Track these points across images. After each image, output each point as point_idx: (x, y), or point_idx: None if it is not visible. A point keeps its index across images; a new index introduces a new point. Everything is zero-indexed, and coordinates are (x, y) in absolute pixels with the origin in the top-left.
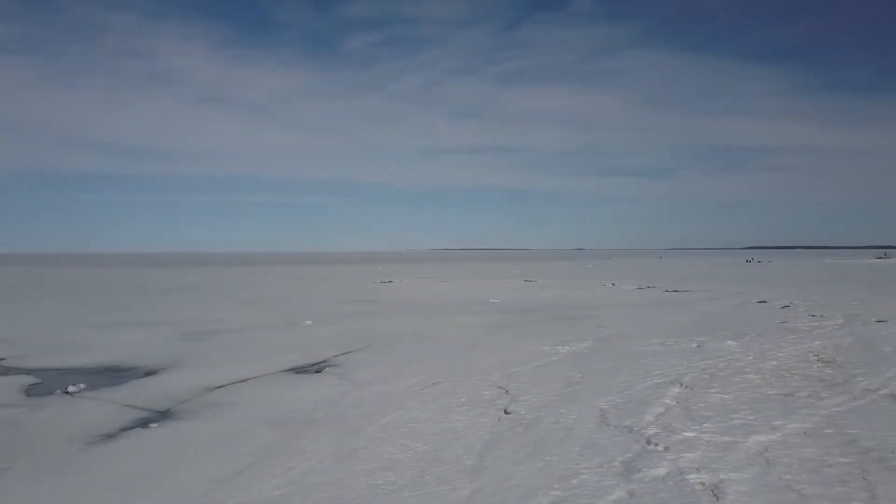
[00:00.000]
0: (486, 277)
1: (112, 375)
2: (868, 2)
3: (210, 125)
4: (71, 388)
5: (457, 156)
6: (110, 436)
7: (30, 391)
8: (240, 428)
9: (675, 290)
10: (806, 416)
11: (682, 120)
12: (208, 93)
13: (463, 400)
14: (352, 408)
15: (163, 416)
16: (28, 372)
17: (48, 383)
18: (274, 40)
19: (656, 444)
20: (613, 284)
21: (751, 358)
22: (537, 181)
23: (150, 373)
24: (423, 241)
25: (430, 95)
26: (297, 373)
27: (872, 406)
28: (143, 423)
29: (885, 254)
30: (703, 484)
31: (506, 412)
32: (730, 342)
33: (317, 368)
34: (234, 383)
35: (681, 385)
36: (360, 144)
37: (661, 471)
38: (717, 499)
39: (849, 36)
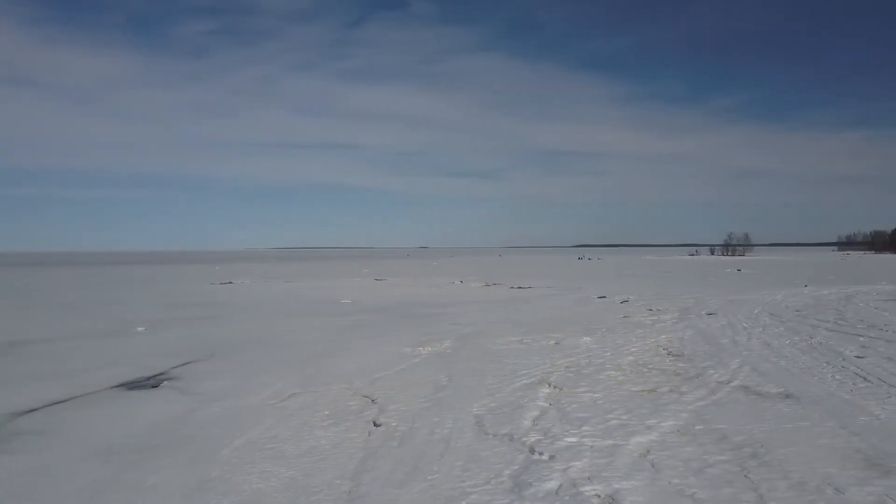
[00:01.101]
0: (334, 277)
1: None
2: (682, 18)
3: (16, 110)
4: None
5: (298, 152)
6: None
7: None
8: (59, 462)
9: (520, 287)
10: (675, 413)
11: (516, 124)
12: (13, 74)
13: (326, 413)
14: (199, 429)
15: None
16: None
17: None
18: (94, 21)
19: (541, 454)
20: (461, 282)
21: (608, 354)
22: (380, 180)
23: None
24: (263, 239)
25: (269, 89)
26: (129, 389)
27: (730, 399)
28: None
29: (696, 251)
30: (599, 496)
31: (375, 424)
32: (585, 338)
33: (153, 383)
34: (50, 406)
35: (549, 385)
36: (191, 137)
37: (553, 484)
38: None
39: (664, 51)
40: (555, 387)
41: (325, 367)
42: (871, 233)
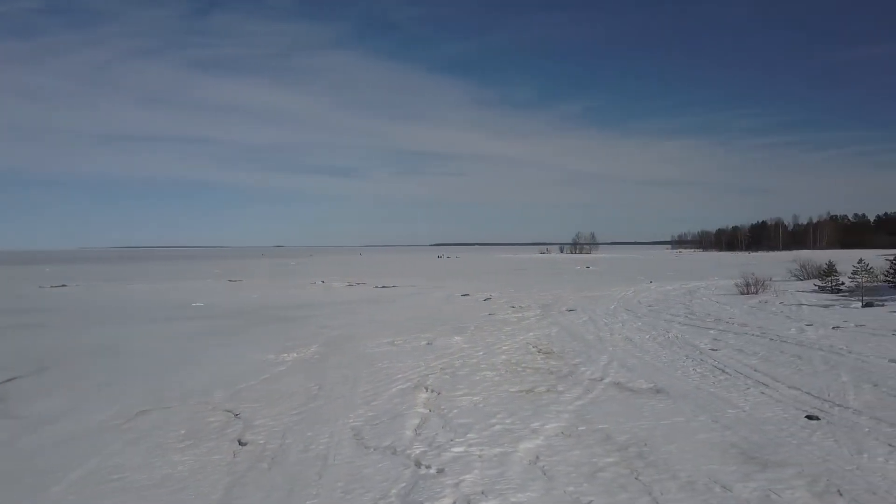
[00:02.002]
0: (183, 278)
1: None
2: (531, 25)
3: None
4: None
5: (140, 144)
6: None
7: None
8: None
9: (384, 286)
10: (557, 414)
11: (374, 122)
12: None
13: (182, 432)
14: (26, 459)
15: None
16: None
17: None
18: None
19: (428, 467)
20: (323, 282)
21: (481, 353)
22: (231, 175)
23: None
24: (100, 237)
25: (108, 76)
26: None
27: (606, 397)
28: None
29: (547, 249)
30: None
31: (241, 443)
32: (456, 338)
33: None
34: None
35: (427, 389)
36: (16, 126)
37: (446, 501)
38: None
39: (514, 57)
40: (433, 391)
41: (177, 380)
42: (699, 232)
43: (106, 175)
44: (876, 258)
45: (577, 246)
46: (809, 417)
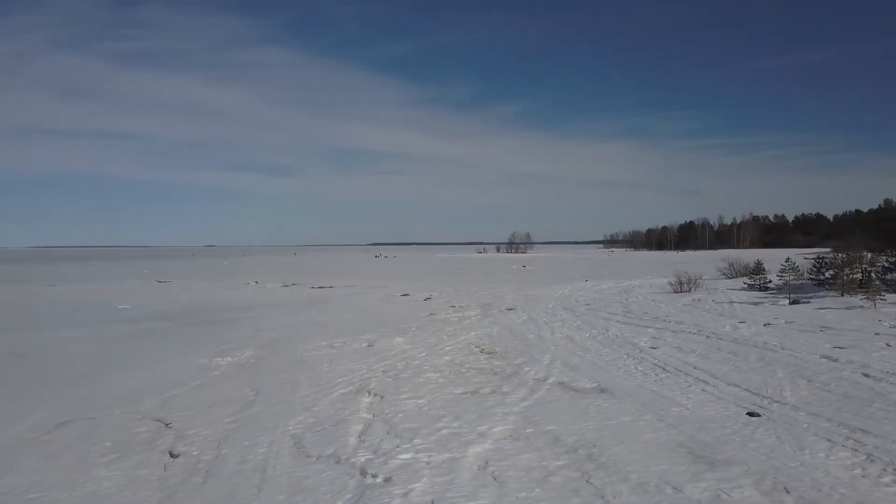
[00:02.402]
0: (108, 279)
1: None
2: (472, 24)
3: None
4: None
5: (62, 140)
6: None
7: None
8: None
9: (321, 287)
10: (503, 416)
11: (309, 120)
12: None
13: (108, 444)
14: None
15: None
16: None
17: None
18: None
19: (375, 476)
20: (257, 283)
21: (424, 354)
22: (159, 172)
23: None
24: (14, 236)
25: (25, 67)
26: None
27: (551, 397)
28: None
29: (484, 248)
30: None
31: (173, 455)
32: (398, 339)
33: None
34: None
35: (370, 393)
36: None
37: None
38: None
39: (453, 55)
40: (376, 395)
41: (103, 387)
42: (630, 232)
43: (17, 170)
44: (796, 256)
45: (513, 245)
46: (750, 414)
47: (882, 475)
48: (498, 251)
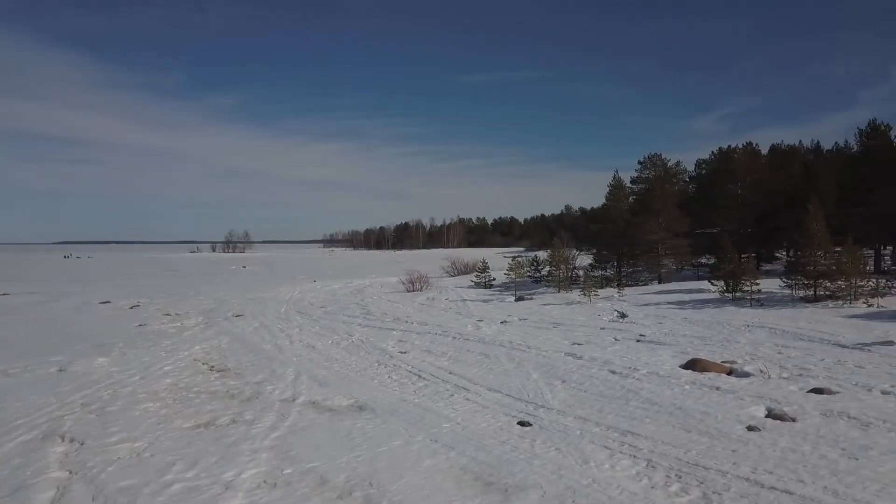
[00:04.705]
0: None
1: None
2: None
3: None
4: None
5: None
6: None
7: None
8: None
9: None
10: (252, 455)
11: None
12: None
13: None
14: None
15: None
16: None
17: None
18: None
19: None
20: None
21: (137, 378)
22: None
23: None
24: None
25: None
26: None
27: (305, 422)
28: None
29: (198, 248)
30: None
31: None
32: (100, 359)
33: None
34: None
35: (64, 438)
36: None
37: None
38: None
39: (155, 35)
40: (73, 440)
41: None
42: (349, 232)
43: None
44: (496, 255)
45: (230, 245)
46: (522, 424)
47: (668, 483)
48: (214, 251)
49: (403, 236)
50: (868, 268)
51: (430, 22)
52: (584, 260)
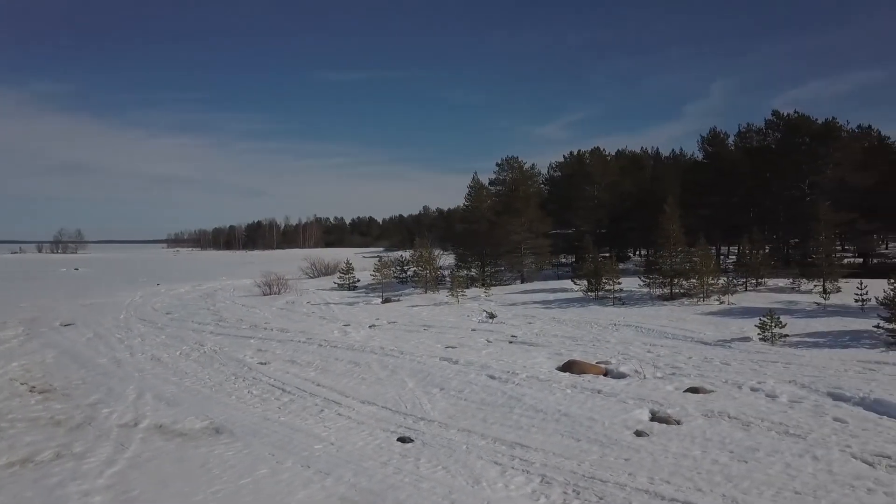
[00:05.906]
0: None
1: None
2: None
3: None
4: None
5: None
6: None
7: None
8: None
9: None
10: (82, 499)
11: None
12: None
13: None
14: None
15: None
16: None
17: None
18: None
19: None
20: None
21: None
22: None
23: None
24: None
25: None
26: None
27: (150, 451)
28: None
29: (21, 248)
30: None
31: None
32: None
33: None
34: None
35: None
36: None
37: None
38: None
39: None
40: None
41: None
42: (196, 231)
43: None
44: (355, 255)
45: (60, 245)
46: (403, 440)
47: (567, 500)
48: (40, 251)
49: (256, 236)
50: (722, 266)
51: (288, 12)
52: (447, 259)
